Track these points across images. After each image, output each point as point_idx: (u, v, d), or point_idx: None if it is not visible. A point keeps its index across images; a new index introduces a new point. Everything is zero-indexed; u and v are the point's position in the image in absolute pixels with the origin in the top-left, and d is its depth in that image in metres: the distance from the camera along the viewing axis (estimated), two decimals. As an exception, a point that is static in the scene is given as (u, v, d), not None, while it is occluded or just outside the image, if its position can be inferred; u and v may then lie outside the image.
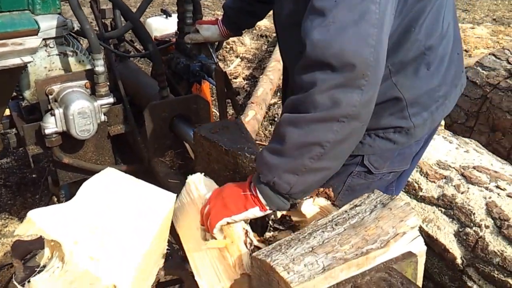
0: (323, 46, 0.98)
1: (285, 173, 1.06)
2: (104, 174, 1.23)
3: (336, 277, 0.91)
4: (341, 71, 0.97)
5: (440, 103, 1.35)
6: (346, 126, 1.01)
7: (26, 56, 1.53)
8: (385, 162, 1.38)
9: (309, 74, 1.01)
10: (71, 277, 0.98)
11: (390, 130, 1.33)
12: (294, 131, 1.03)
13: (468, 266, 1.81)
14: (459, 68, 1.41)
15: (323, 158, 1.04)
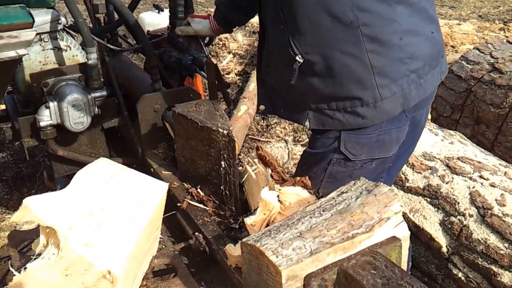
0: None
1: None
2: (98, 163, 1.25)
3: (323, 261, 0.95)
4: None
5: (411, 79, 1.35)
6: None
7: (21, 49, 1.55)
8: (362, 149, 1.40)
9: None
10: (66, 263, 1.00)
11: (357, 102, 1.34)
12: None
13: (453, 254, 1.86)
14: (435, 49, 1.41)
15: None
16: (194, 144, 1.59)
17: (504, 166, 2.06)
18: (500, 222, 1.79)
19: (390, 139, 1.42)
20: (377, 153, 1.43)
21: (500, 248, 1.76)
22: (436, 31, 1.42)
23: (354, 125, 1.36)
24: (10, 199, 2.94)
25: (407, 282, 0.92)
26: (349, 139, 1.38)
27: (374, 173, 1.48)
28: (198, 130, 1.54)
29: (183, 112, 1.60)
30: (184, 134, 1.63)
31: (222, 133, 1.47)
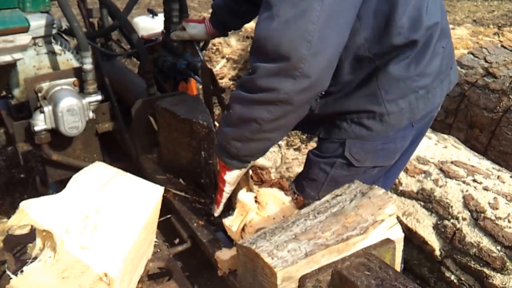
0: (265, 37, 1.10)
1: (232, 140, 1.28)
2: (93, 167, 1.26)
3: (317, 262, 0.96)
4: (276, 62, 1.10)
5: (420, 95, 1.35)
6: (279, 108, 1.16)
7: (17, 53, 1.55)
8: (367, 155, 1.40)
9: (253, 60, 1.15)
10: (63, 265, 1.01)
11: (363, 114, 1.35)
12: (238, 107, 1.22)
13: (446, 257, 1.88)
14: (444, 62, 1.40)
15: (261, 131, 1.23)
16: (176, 136, 1.69)
17: (497, 170, 2.08)
18: (493, 225, 1.82)
19: (395, 148, 1.43)
20: (381, 161, 1.44)
21: (492, 251, 1.77)
22: (447, 44, 1.42)
23: (359, 135, 1.37)
24: (2, 205, 2.92)
25: (401, 283, 0.94)
26: (354, 145, 1.39)
27: (374, 178, 1.49)
28: (180, 123, 1.64)
29: (165, 106, 1.70)
30: (167, 127, 1.73)
31: (202, 125, 1.57)
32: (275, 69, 1.11)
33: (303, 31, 1.07)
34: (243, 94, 1.20)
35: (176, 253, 1.45)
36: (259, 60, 1.14)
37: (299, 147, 3.42)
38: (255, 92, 1.17)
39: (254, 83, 1.15)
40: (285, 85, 1.12)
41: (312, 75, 1.11)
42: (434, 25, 1.32)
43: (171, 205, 1.65)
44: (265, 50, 1.11)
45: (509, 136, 2.54)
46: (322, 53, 1.10)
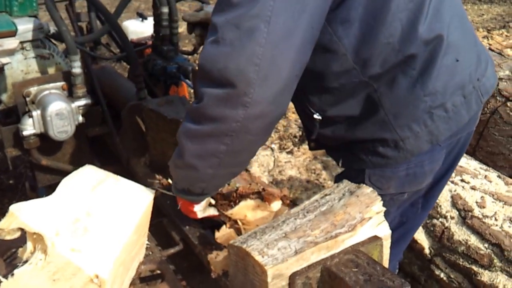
0: (211, 60, 1.01)
1: (194, 183, 1.18)
2: (83, 170, 1.26)
3: (307, 259, 0.97)
4: (224, 88, 1.00)
5: (437, 115, 1.22)
6: (235, 139, 1.06)
7: (4, 57, 1.55)
8: (389, 182, 1.29)
9: (200, 86, 1.05)
10: (54, 268, 1.01)
11: (376, 143, 1.25)
12: (189, 144, 1.11)
13: (436, 256, 1.91)
14: (464, 76, 1.26)
15: (222, 166, 1.12)
16: (164, 137, 1.73)
17: (485, 169, 2.12)
18: (480, 223, 1.85)
19: (423, 172, 1.30)
20: (408, 187, 1.32)
21: (480, 249, 1.81)
22: (465, 56, 1.26)
23: (377, 165, 1.27)
24: (-8, 211, 2.90)
25: (388, 278, 0.95)
26: (374, 173, 1.29)
27: (408, 202, 1.40)
28: (167, 123, 1.68)
29: (152, 107, 1.74)
30: (155, 128, 1.76)
31: None
32: (223, 95, 1.01)
33: (249, 54, 0.98)
34: (192, 128, 1.09)
35: (168, 255, 1.46)
36: (205, 85, 1.03)
37: (291, 150, 3.44)
38: (204, 123, 1.06)
39: (202, 112, 1.05)
40: (235, 113, 1.01)
41: (264, 101, 1.01)
42: (436, 38, 1.18)
43: (162, 208, 1.65)
44: (212, 75, 1.01)
45: (497, 137, 2.58)
46: (273, 77, 1.01)
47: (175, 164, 1.19)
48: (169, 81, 2.18)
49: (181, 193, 1.27)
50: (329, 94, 1.23)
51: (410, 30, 1.14)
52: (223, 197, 1.41)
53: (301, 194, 2.99)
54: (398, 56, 1.15)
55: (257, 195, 1.38)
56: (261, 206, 1.36)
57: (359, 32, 1.12)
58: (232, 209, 1.37)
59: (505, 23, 5.91)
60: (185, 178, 1.20)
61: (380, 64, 1.16)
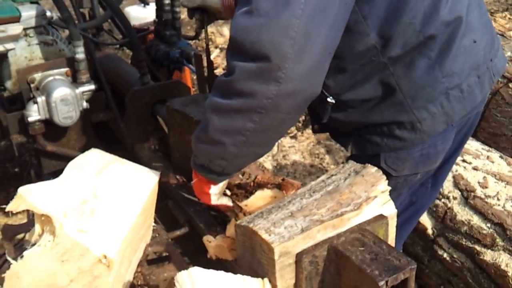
0: (243, 32, 0.97)
1: (214, 159, 1.13)
2: (89, 154, 1.27)
3: (313, 237, 0.98)
4: (257, 61, 0.96)
5: (453, 96, 1.23)
6: (265, 117, 1.01)
7: (9, 43, 1.55)
8: (404, 164, 1.29)
9: (230, 58, 1.01)
10: (62, 249, 1.02)
11: (393, 126, 1.24)
12: (216, 119, 1.06)
13: (439, 236, 1.93)
14: (479, 57, 1.27)
15: (247, 145, 1.07)
16: (188, 139, 1.51)
17: (487, 150, 2.12)
18: (483, 203, 1.86)
19: (436, 152, 1.31)
20: (421, 167, 1.33)
21: (483, 228, 1.82)
22: (482, 37, 1.27)
23: (393, 148, 1.27)
24: (-3, 199, 2.92)
25: (394, 257, 0.96)
26: (389, 155, 1.28)
27: (419, 182, 1.41)
28: (192, 124, 1.51)
29: (177, 107, 1.59)
30: (178, 129, 1.62)
31: None
32: (256, 69, 0.96)
33: (285, 26, 0.93)
34: (220, 102, 1.04)
35: (174, 238, 1.47)
36: (236, 58, 0.98)
37: (295, 135, 3.44)
38: (232, 98, 1.01)
39: (231, 87, 1.00)
40: (267, 89, 0.97)
41: (298, 77, 0.98)
42: (456, 19, 1.19)
43: (168, 191, 1.66)
44: (244, 48, 0.96)
45: (499, 118, 2.57)
46: (308, 52, 0.97)
47: (198, 137, 1.14)
48: (172, 66, 2.18)
49: (199, 168, 1.19)
50: (346, 77, 1.21)
51: (432, 11, 1.14)
52: (239, 187, 1.37)
53: (304, 179, 3.00)
54: (419, 37, 1.14)
55: (275, 185, 1.33)
56: (277, 196, 1.30)
57: (384, 12, 1.11)
58: (247, 200, 1.32)
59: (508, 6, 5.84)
60: (207, 153, 1.14)
61: (401, 45, 1.14)
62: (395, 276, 0.91)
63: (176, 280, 0.93)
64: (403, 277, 0.92)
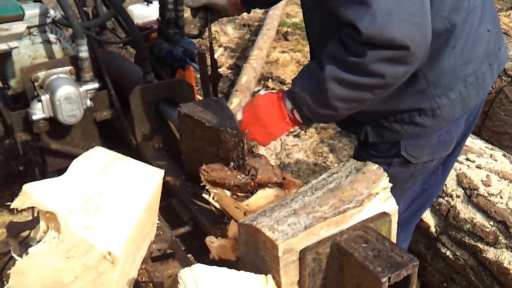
0: (373, 34, 1.04)
1: (323, 116, 1.23)
2: (93, 152, 1.27)
3: (317, 234, 0.99)
4: (393, 49, 1.06)
5: (469, 83, 1.31)
6: (385, 91, 1.15)
7: (13, 41, 1.55)
8: (423, 150, 1.36)
9: (360, 44, 1.07)
10: (67, 245, 1.03)
11: (414, 113, 1.31)
12: (338, 88, 1.14)
13: (442, 234, 1.93)
14: (490, 45, 1.35)
15: (358, 108, 1.20)
16: (201, 145, 1.52)
17: (490, 148, 2.12)
18: (486, 201, 1.86)
19: (451, 138, 1.40)
20: (438, 153, 1.41)
21: (485, 226, 1.82)
22: (494, 26, 1.36)
23: (413, 134, 1.34)
24: (2, 197, 2.93)
25: (397, 254, 0.97)
26: (409, 143, 1.35)
27: (432, 169, 1.46)
28: (205, 131, 1.48)
29: (189, 112, 1.52)
30: (191, 135, 1.56)
31: (231, 133, 1.40)
32: (392, 56, 1.06)
33: (410, 16, 1.03)
34: (347, 77, 1.11)
35: (178, 235, 1.48)
36: (369, 47, 1.06)
37: (298, 133, 3.45)
38: (363, 76, 1.10)
39: (362, 67, 1.09)
40: (398, 71, 1.09)
41: (423, 55, 1.09)
42: (474, 9, 1.27)
43: (171, 189, 1.67)
44: (378, 42, 1.05)
45: (502, 116, 2.57)
46: (428, 30, 1.08)
47: (312, 96, 1.18)
48: (176, 64, 2.18)
49: (303, 115, 1.23)
50: None
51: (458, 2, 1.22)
52: (240, 189, 1.35)
53: (308, 177, 3.00)
54: (445, 23, 1.22)
55: (277, 185, 1.33)
56: (279, 195, 1.30)
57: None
58: (248, 199, 1.30)
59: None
60: (317, 112, 1.21)
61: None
62: (397, 272, 0.91)
63: (179, 277, 0.94)
64: (405, 273, 0.93)
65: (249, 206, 1.29)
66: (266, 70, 4.32)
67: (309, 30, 1.45)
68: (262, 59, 4.27)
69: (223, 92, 3.96)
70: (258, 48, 4.35)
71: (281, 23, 5.16)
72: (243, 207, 1.30)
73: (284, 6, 5.45)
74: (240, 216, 1.31)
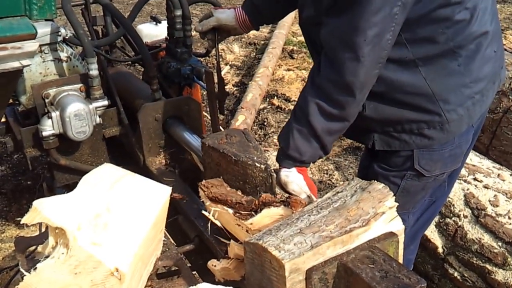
0: (351, 79, 1.23)
1: (313, 156, 1.39)
2: (103, 168, 1.29)
3: (323, 254, 0.99)
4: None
5: (476, 100, 1.38)
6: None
7: (25, 59, 1.59)
8: (436, 164, 1.42)
9: (339, 97, 1.28)
10: (76, 261, 1.04)
11: (423, 124, 1.37)
12: (329, 139, 1.35)
13: (449, 255, 1.91)
14: (496, 64, 1.43)
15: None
16: (226, 179, 1.46)
17: (498, 168, 2.12)
18: (494, 222, 1.85)
19: (461, 152, 1.47)
20: (449, 166, 1.48)
21: (494, 247, 1.80)
22: (499, 47, 1.44)
23: (421, 146, 1.40)
24: (9, 211, 2.96)
25: (404, 275, 0.97)
26: (423, 157, 1.41)
27: (441, 182, 1.51)
28: (231, 164, 1.41)
29: (213, 145, 1.46)
30: (215, 168, 1.48)
31: (259, 168, 1.35)
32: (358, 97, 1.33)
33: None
34: (334, 126, 1.33)
35: (183, 252, 1.48)
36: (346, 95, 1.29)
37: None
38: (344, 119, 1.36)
39: (347, 115, 1.34)
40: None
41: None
42: (484, 33, 1.34)
43: (178, 206, 1.68)
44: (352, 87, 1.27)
45: (510, 136, 2.57)
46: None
47: (306, 144, 1.37)
48: (183, 82, 2.21)
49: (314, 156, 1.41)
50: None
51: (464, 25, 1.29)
52: (243, 207, 1.33)
53: (313, 195, 2.99)
54: (450, 44, 1.29)
55: (282, 203, 1.29)
56: (285, 214, 1.26)
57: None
58: (252, 218, 1.27)
59: (519, 24, 5.86)
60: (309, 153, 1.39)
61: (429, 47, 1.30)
62: (404, 294, 0.91)
63: None
64: (412, 295, 0.92)
65: (253, 225, 1.27)
66: (272, 87, 4.35)
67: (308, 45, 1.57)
68: (267, 76, 4.31)
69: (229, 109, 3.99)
70: (264, 66, 4.40)
71: (287, 42, 5.22)
72: (247, 226, 1.28)
73: (289, 25, 5.52)
74: (241, 234, 1.30)
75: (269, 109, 4.06)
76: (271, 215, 1.27)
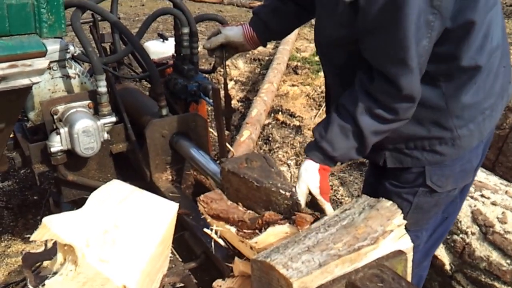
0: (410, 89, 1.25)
1: (345, 154, 1.37)
2: (111, 185, 1.30)
3: (331, 272, 0.99)
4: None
5: (486, 115, 1.40)
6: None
7: (35, 77, 1.61)
8: (447, 179, 1.43)
9: (396, 105, 1.28)
10: (84, 278, 1.04)
11: (435, 141, 1.38)
12: (376, 138, 1.33)
13: (457, 272, 1.89)
14: (505, 80, 1.45)
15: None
16: (246, 205, 1.38)
17: (505, 185, 2.11)
18: (502, 239, 1.83)
19: (471, 167, 1.48)
20: (461, 182, 1.48)
21: (502, 265, 1.79)
22: (507, 62, 1.46)
23: (432, 162, 1.41)
24: (16, 226, 2.96)
25: (413, 294, 0.96)
26: (434, 173, 1.42)
27: (453, 197, 1.51)
28: (253, 190, 1.33)
29: (233, 170, 1.37)
30: (235, 194, 1.40)
31: (284, 195, 1.27)
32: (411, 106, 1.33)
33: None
34: (383, 127, 1.32)
35: (190, 268, 1.48)
36: (403, 104, 1.30)
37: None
38: (394, 121, 1.32)
39: (399, 120, 1.32)
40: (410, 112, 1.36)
41: None
42: (497, 49, 1.36)
43: (184, 222, 1.68)
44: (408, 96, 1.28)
45: (516, 152, 2.56)
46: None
47: (354, 149, 1.35)
48: (190, 99, 2.23)
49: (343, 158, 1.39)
50: None
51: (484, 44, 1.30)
52: (247, 226, 1.28)
53: (319, 211, 2.98)
54: (471, 63, 1.30)
55: (287, 220, 1.25)
56: (290, 231, 1.21)
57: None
58: (257, 237, 1.22)
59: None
60: (352, 157, 1.38)
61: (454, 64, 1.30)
62: (413, 312, 0.91)
63: None
64: (421, 314, 0.92)
65: (257, 243, 1.22)
66: (276, 103, 4.37)
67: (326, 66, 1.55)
68: (272, 92, 4.33)
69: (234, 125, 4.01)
70: (269, 81, 4.43)
71: (291, 57, 5.26)
72: (251, 245, 1.24)
73: (294, 41, 5.56)
74: (246, 250, 1.27)
75: (274, 125, 4.08)
76: (276, 233, 1.24)
